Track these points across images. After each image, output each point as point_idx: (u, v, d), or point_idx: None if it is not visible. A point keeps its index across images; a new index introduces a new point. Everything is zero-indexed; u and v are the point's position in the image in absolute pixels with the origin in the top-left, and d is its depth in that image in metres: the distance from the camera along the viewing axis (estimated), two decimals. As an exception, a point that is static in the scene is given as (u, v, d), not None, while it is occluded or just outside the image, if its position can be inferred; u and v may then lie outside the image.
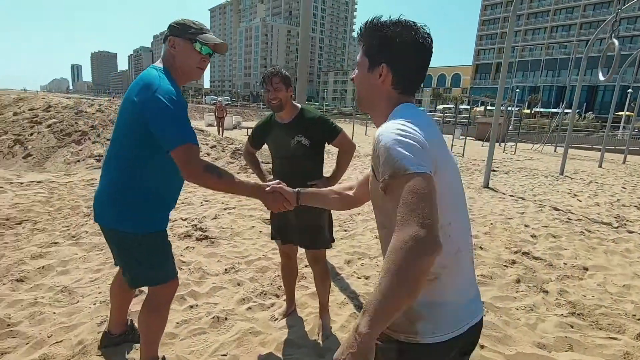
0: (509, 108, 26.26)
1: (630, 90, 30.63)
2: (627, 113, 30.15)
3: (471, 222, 4.90)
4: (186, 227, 3.94)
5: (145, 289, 2.07)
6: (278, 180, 1.59)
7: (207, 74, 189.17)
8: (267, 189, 1.48)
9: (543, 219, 5.33)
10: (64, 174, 6.13)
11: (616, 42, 7.02)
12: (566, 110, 23.41)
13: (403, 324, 0.93)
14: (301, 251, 2.37)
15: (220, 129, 15.85)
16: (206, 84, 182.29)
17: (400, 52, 0.98)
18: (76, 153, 6.93)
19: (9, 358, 1.90)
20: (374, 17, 1.02)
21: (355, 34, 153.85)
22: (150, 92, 1.40)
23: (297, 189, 1.45)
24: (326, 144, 2.18)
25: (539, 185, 8.39)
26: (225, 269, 3.08)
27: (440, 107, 56.63)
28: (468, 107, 34.87)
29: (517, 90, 47.66)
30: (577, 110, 29.14)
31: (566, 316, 2.68)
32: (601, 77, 7.46)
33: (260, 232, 4.00)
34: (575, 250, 4.04)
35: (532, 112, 46.86)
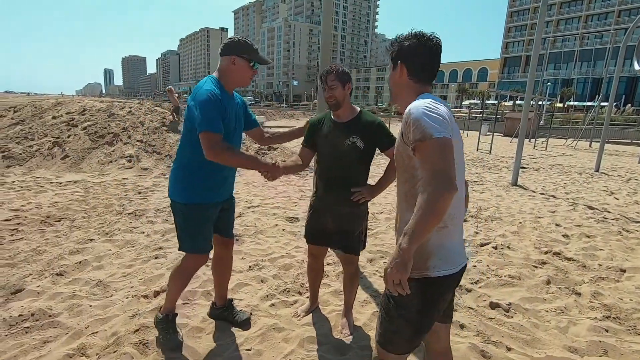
0: (540, 102, 25.16)
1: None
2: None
3: (499, 220, 4.77)
4: (212, 225, 4.05)
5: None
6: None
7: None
8: (268, 161, 1.95)
9: (576, 217, 5.10)
10: (98, 174, 6.44)
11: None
12: (602, 104, 22.18)
13: (418, 262, 1.21)
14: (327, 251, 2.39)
15: None
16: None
17: (409, 52, 1.32)
18: (109, 154, 7.26)
19: (50, 347, 2.04)
20: (397, 35, 1.39)
21: (377, 31, 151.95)
22: (195, 92, 1.83)
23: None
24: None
25: (572, 182, 8.02)
26: (250, 266, 3.14)
27: (465, 102, 55.09)
28: (495, 102, 33.71)
29: (549, 83, 45.57)
30: (615, 103, 27.57)
31: (601, 320, 2.56)
32: (637, 67, 7.02)
33: (283, 230, 4.06)
34: (612, 251, 3.84)
35: (565, 105, 44.70)
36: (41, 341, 2.08)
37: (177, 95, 10.70)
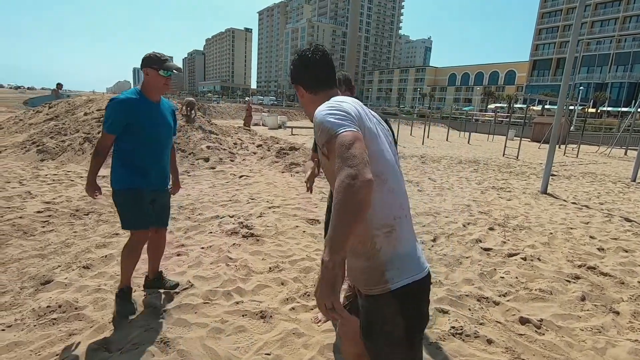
0: (571, 107, 24.13)
1: None
2: None
3: (528, 230, 4.56)
4: (233, 224, 4.06)
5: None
6: None
7: (253, 75, 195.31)
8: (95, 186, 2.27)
9: (612, 230, 4.82)
10: (125, 170, 6.62)
11: None
12: (640, 109, 21.01)
13: (374, 278, 1.13)
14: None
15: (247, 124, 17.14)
16: (253, 85, 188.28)
17: (296, 73, 1.35)
18: (136, 150, 7.46)
19: (75, 339, 2.07)
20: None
21: (401, 32, 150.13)
22: None
23: None
24: None
25: (607, 192, 7.61)
26: (270, 268, 3.12)
27: (491, 106, 53.58)
28: (523, 106, 32.55)
29: (581, 87, 43.71)
30: (654, 109, 26.02)
31: (642, 342, 2.38)
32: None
33: (304, 232, 4.02)
34: (653, 268, 3.59)
35: (598, 111, 42.74)
36: (67, 333, 2.12)
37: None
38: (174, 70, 2.26)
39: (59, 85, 12.93)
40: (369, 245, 1.12)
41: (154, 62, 2.19)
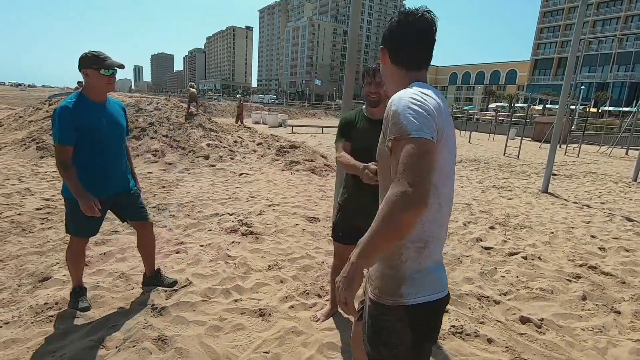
0: (572, 106, 24.10)
1: None
2: None
3: (529, 229, 4.54)
4: (232, 222, 4.04)
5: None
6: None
7: (254, 73, 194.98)
8: (89, 198, 2.03)
9: (613, 229, 4.80)
10: (125, 167, 6.60)
11: None
12: (642, 109, 20.96)
13: (390, 288, 1.06)
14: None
15: (240, 120, 17.48)
16: (254, 83, 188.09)
17: (389, 34, 1.14)
18: (135, 148, 7.44)
19: (72, 338, 2.06)
20: None
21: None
22: None
23: None
24: None
25: (608, 192, 7.59)
26: (269, 266, 3.11)
27: (492, 105, 53.50)
28: (524, 105, 32.48)
29: (582, 87, 43.66)
30: (655, 109, 25.96)
31: (644, 342, 2.36)
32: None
33: (304, 230, 4.00)
34: (654, 268, 3.57)
35: (599, 110, 42.65)
36: (64, 331, 2.11)
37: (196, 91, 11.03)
38: (116, 68, 2.15)
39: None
40: (396, 253, 1.07)
41: (93, 62, 2.09)
